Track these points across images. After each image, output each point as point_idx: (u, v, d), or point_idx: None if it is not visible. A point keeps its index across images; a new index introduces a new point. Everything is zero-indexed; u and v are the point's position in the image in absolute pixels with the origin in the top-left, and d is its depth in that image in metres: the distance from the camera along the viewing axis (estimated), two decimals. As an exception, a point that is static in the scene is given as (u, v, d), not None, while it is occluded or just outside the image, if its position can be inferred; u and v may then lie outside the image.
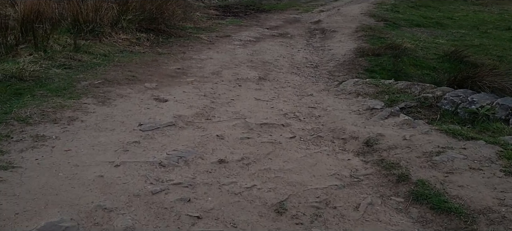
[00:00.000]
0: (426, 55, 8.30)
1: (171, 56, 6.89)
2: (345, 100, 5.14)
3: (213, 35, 8.59)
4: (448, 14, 15.11)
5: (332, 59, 7.68)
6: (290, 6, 13.81)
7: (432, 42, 9.53)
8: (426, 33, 11.37)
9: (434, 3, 17.13)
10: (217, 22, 9.84)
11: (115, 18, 7.58)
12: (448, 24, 13.08)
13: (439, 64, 7.93)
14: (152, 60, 6.46)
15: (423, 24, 12.71)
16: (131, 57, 6.52)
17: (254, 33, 9.18)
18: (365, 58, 7.50)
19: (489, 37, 10.96)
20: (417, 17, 13.66)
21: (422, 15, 14.28)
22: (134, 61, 6.28)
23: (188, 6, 10.66)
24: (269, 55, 7.58)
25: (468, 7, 17.18)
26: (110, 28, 7.34)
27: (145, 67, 6.07)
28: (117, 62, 6.13)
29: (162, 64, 6.32)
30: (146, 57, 6.65)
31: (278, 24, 10.65)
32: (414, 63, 7.73)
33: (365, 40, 9.10)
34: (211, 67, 6.42)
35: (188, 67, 6.31)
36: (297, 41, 8.99)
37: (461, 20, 13.93)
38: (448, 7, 16.84)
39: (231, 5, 12.55)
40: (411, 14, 14.13)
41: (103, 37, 7.09)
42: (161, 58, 6.69)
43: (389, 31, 10.43)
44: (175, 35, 7.98)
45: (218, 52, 7.41)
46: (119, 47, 6.95)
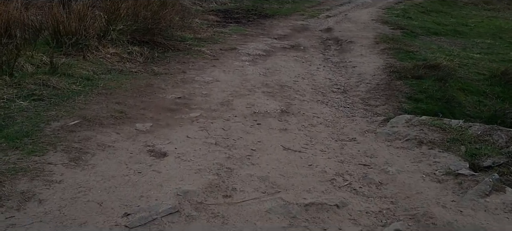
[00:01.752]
0: (468, 75, 6.96)
1: (169, 77, 5.44)
2: (406, 152, 3.75)
3: (216, 47, 7.15)
4: (461, 20, 13.92)
5: (360, 80, 6.30)
6: (294, 10, 12.40)
7: (466, 57, 8.21)
8: (447, 42, 10.13)
9: (445, 8, 15.91)
10: (219, 30, 8.39)
11: (103, 29, 6.11)
12: (466, 32, 11.88)
13: (488, 87, 6.58)
14: (146, 85, 5.00)
15: (440, 32, 11.49)
16: (120, 80, 5.06)
17: (262, 44, 7.75)
18: (403, 81, 6.12)
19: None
20: (431, 24, 12.43)
21: (436, 22, 13.07)
22: (124, 87, 4.83)
23: (186, 12, 9.20)
24: (285, 75, 6.17)
25: (480, 13, 16.01)
26: (97, 41, 5.86)
27: (137, 96, 4.62)
28: (102, 89, 4.67)
29: (159, 91, 4.88)
30: (139, 79, 5.20)
31: (286, 33, 9.24)
32: (461, 87, 6.37)
33: (390, 54, 7.76)
34: (219, 95, 5.00)
35: (191, 95, 4.88)
36: (312, 55, 7.59)
37: (477, 28, 12.76)
38: (460, 12, 15.65)
39: (231, 10, 11.10)
40: (424, 20, 12.88)
41: (89, 52, 5.62)
42: (157, 80, 5.25)
43: (411, 42, 9.11)
44: (173, 49, 6.53)
45: (224, 71, 5.99)
46: (107, 65, 5.49)
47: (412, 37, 10.19)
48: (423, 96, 5.70)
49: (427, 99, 5.54)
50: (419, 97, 5.57)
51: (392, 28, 10.65)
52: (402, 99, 5.59)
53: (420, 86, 6.00)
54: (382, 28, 10.67)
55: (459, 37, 11.05)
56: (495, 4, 18.13)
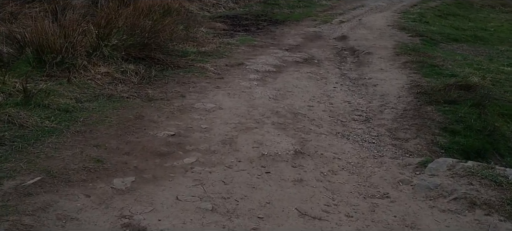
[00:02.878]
0: (504, 96, 5.93)
1: (165, 104, 4.52)
2: (455, 218, 2.79)
3: (221, 63, 6.20)
4: (480, 24, 12.84)
5: (384, 104, 5.33)
6: (305, 15, 11.40)
7: (497, 70, 7.18)
8: (470, 51, 9.12)
9: (461, 11, 14.79)
10: (226, 41, 7.44)
11: (94, 45, 5.22)
12: (487, 38, 10.84)
13: None
14: (136, 117, 4.08)
15: (461, 38, 10.46)
16: (105, 110, 4.15)
17: (272, 58, 6.80)
18: (434, 106, 5.14)
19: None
20: (450, 29, 11.39)
21: (454, 26, 12.02)
22: (108, 121, 3.91)
23: (192, 19, 8.28)
24: (298, 97, 5.22)
25: (498, 15, 14.87)
26: (86, 59, 4.98)
27: (122, 134, 3.71)
28: (81, 126, 3.76)
29: (150, 125, 3.96)
30: (129, 108, 4.28)
31: (298, 43, 8.27)
32: (501, 112, 5.36)
33: (413, 69, 6.77)
34: (221, 129, 4.07)
35: (188, 130, 3.95)
36: (327, 70, 6.62)
37: (497, 32, 11.72)
38: (477, 15, 14.53)
39: (240, 15, 10.14)
40: (441, 25, 11.83)
41: (76, 73, 4.73)
42: (150, 110, 4.33)
43: (434, 53, 8.09)
44: (173, 66, 5.61)
45: (229, 94, 5.06)
46: (94, 89, 4.59)
47: (432, 45, 9.20)
48: (460, 127, 4.71)
49: (465, 131, 4.56)
50: (455, 129, 4.59)
51: (410, 36, 9.64)
52: (436, 131, 4.63)
53: (455, 113, 5.01)
54: (400, 35, 9.66)
55: (481, 44, 10.04)
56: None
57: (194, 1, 9.96)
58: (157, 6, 7.53)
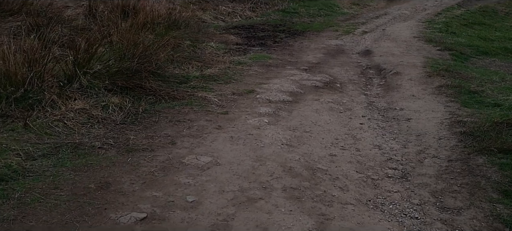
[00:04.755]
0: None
1: (146, 158, 3.22)
2: None
3: (228, 90, 4.86)
4: (507, 34, 11.23)
5: (423, 149, 3.91)
6: (326, 25, 9.93)
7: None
8: (505, 67, 7.62)
9: (486, 19, 13.08)
10: (237, 59, 6.07)
11: (70, 73, 3.94)
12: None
13: None
14: (99, 186, 2.78)
15: (491, 51, 8.92)
16: (60, 174, 2.86)
17: (288, 82, 5.41)
18: (486, 157, 3.70)
19: None
20: (478, 41, 9.81)
21: (481, 37, 10.43)
22: (57, 195, 2.62)
23: (202, 31, 6.94)
24: (318, 142, 3.86)
25: (523, 24, 13.15)
26: (58, 92, 3.70)
27: (68, 221, 2.41)
28: (13, 208, 2.48)
29: (115, 201, 2.65)
30: (94, 169, 2.98)
31: (318, 60, 6.85)
32: None
33: (450, 96, 5.31)
34: (213, 202, 2.75)
35: (166, 209, 2.63)
36: (352, 98, 5.21)
37: None
38: (503, 24, 12.83)
39: (256, 26, 8.73)
40: (468, 35, 10.25)
41: (40, 111, 3.48)
42: (123, 170, 3.03)
43: (468, 72, 6.58)
44: (168, 97, 4.29)
45: (232, 138, 3.72)
46: (58, 136, 3.32)
47: (463, 60, 7.73)
48: (525, 190, 3.27)
49: (530, 195, 3.13)
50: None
51: (439, 49, 8.16)
52: (494, 196, 3.22)
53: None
54: (428, 49, 8.17)
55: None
56: (537, 13, 15.15)
57: (208, 9, 8.62)
58: (162, 17, 6.22)
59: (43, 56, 3.62)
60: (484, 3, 14.55)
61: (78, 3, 6.57)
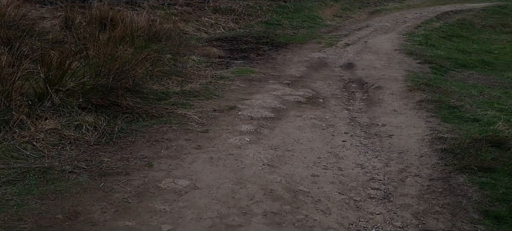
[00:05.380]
0: (539, 149, 4.41)
1: (120, 183, 3.03)
2: None
3: (209, 107, 4.69)
4: (484, 46, 11.43)
5: (405, 168, 3.82)
6: (309, 37, 9.85)
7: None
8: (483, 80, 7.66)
9: (464, 32, 13.27)
10: (219, 74, 5.91)
11: (41, 91, 3.72)
12: (494, 63, 9.42)
13: None
14: (67, 216, 2.55)
15: (469, 63, 9.04)
16: (25, 203, 2.64)
17: (271, 97, 5.27)
18: (466, 176, 3.62)
19: None
20: (457, 53, 9.93)
21: (459, 49, 10.58)
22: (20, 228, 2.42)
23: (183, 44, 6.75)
24: (300, 161, 3.72)
25: (499, 36, 13.42)
26: (27, 111, 3.48)
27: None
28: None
29: None
30: (63, 197, 2.78)
31: (301, 73, 6.74)
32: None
33: (430, 111, 5.25)
34: (190, 229, 2.57)
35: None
36: (334, 114, 5.10)
37: (502, 55, 10.35)
38: (479, 36, 13.06)
39: (239, 38, 8.59)
40: (447, 48, 10.37)
41: (8, 132, 3.25)
42: (94, 197, 2.83)
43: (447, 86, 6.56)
44: (146, 115, 4.10)
45: (212, 159, 3.55)
46: (26, 160, 3.10)
47: (443, 73, 7.79)
48: (505, 210, 3.24)
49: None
50: (499, 213, 3.14)
51: (419, 62, 8.19)
52: (475, 217, 3.15)
53: (494, 188, 3.53)
54: (409, 62, 8.18)
55: (489, 71, 8.60)
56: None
57: (191, 21, 8.45)
58: (142, 29, 6.01)
59: (11, 73, 3.39)
60: (461, 16, 14.76)
61: (54, 14, 6.33)
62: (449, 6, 16.94)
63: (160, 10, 8.68)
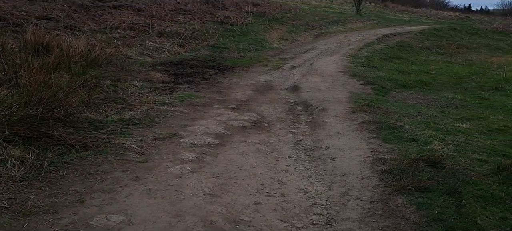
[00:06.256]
0: (470, 166, 4.63)
1: (47, 222, 2.80)
2: None
3: (149, 135, 4.54)
4: (422, 67, 12.18)
5: (347, 191, 3.87)
6: (256, 60, 9.96)
7: (454, 129, 5.97)
8: (421, 100, 8.10)
9: (403, 54, 14.07)
10: (162, 99, 5.77)
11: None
12: (431, 83, 10.04)
13: (502, 187, 4.23)
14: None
15: (408, 84, 9.56)
16: None
17: (215, 123, 5.21)
18: (405, 197, 3.73)
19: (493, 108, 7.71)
20: (397, 74, 10.48)
21: (400, 70, 11.18)
22: None
23: (125, 69, 6.56)
24: (243, 188, 3.66)
25: (436, 58, 14.39)
26: None
27: None
28: None
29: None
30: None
31: (247, 97, 6.75)
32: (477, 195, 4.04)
33: (372, 132, 5.41)
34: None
35: None
36: (279, 138, 5.12)
37: (439, 75, 11.06)
38: (418, 57, 13.92)
39: (185, 62, 8.51)
40: (388, 69, 10.92)
41: None
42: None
43: (388, 106, 6.84)
44: (80, 146, 3.89)
45: (150, 191, 3.41)
46: None
47: (384, 94, 8.13)
48: (441, 229, 3.34)
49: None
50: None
51: (362, 84, 8.51)
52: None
53: (430, 208, 3.65)
54: (352, 83, 8.47)
55: (427, 90, 9.13)
56: (447, 48, 16.69)
57: (134, 45, 8.25)
58: (80, 55, 5.78)
59: None
60: (400, 38, 15.58)
61: (-16, 39, 5.95)
62: (389, 29, 17.89)
63: (101, 34, 8.43)
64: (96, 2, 11.17)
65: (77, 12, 9.93)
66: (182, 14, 11.95)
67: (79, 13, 9.84)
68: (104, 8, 10.76)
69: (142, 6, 11.56)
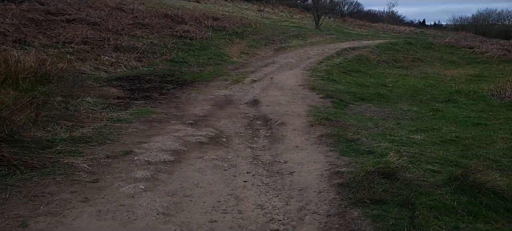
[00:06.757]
0: (424, 177, 4.79)
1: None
2: None
3: (101, 153, 4.40)
4: (380, 80, 12.61)
5: (304, 205, 3.89)
6: (216, 74, 9.95)
7: (409, 141, 6.18)
8: (378, 113, 8.36)
9: (362, 67, 14.51)
10: (116, 116, 5.63)
11: None
12: (388, 95, 10.41)
13: (453, 197, 4.41)
14: None
15: (366, 97, 9.85)
16: None
17: (171, 139, 5.13)
18: (360, 210, 3.80)
19: (446, 119, 8.07)
20: (355, 87, 10.78)
21: (358, 83, 11.51)
22: None
23: (79, 85, 6.36)
24: (198, 207, 3.61)
25: (393, 71, 14.94)
26: None
27: None
28: None
29: None
30: None
31: (206, 112, 6.71)
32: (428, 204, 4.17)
33: (330, 145, 5.51)
34: None
35: None
36: (237, 153, 5.11)
37: (395, 88, 11.48)
38: (375, 71, 14.40)
39: (142, 76, 8.36)
40: (347, 82, 11.22)
41: None
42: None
43: (346, 119, 7.00)
44: (25, 166, 3.71)
45: (99, 212, 3.29)
46: None
47: (343, 107, 8.33)
48: (397, 243, 3.40)
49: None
50: None
51: (321, 97, 8.68)
52: (372, 254, 3.26)
53: (385, 220, 3.73)
54: (311, 97, 8.62)
55: (385, 103, 9.43)
56: (403, 61, 17.40)
57: (89, 59, 8.04)
58: (29, 70, 5.55)
59: None
60: (359, 52, 16.08)
61: None
62: (348, 43, 18.43)
63: (53, 49, 8.16)
64: (48, 16, 10.83)
65: (27, 26, 9.58)
66: (139, 28, 11.79)
67: (29, 27, 9.49)
68: (56, 21, 10.45)
69: (97, 20, 11.31)
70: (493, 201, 4.34)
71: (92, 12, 12.22)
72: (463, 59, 18.66)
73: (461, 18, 44.77)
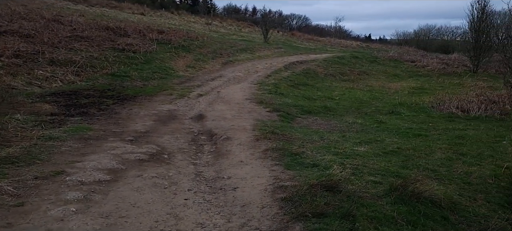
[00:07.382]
0: (366, 188, 4.96)
1: None
2: None
3: (29, 174, 4.15)
4: (327, 93, 12.97)
5: (246, 222, 3.88)
6: (161, 88, 9.78)
7: (352, 152, 6.36)
8: (324, 125, 8.58)
9: (309, 81, 14.87)
10: (48, 134, 5.35)
11: None
12: (335, 108, 10.73)
13: (393, 207, 4.59)
14: None
15: (313, 110, 10.10)
16: None
17: (108, 158, 4.95)
18: (302, 224, 3.85)
19: (389, 131, 8.43)
20: (303, 100, 11.01)
21: (305, 96, 11.77)
22: None
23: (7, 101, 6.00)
24: (133, 228, 3.49)
25: (340, 84, 15.43)
26: None
27: None
28: None
29: None
30: None
31: (147, 128, 6.56)
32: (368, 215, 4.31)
33: (275, 159, 5.56)
34: None
35: None
36: (179, 170, 5.02)
37: (342, 101, 11.85)
38: (323, 84, 14.80)
39: (80, 92, 8.05)
40: (295, 95, 11.45)
41: None
42: None
43: (292, 133, 7.11)
44: None
45: (24, 239, 3.09)
46: None
47: (289, 120, 8.45)
48: (338, 256, 3.46)
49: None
50: None
51: (268, 110, 8.76)
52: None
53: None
54: (258, 110, 8.68)
55: (331, 115, 9.69)
56: (349, 75, 18.07)
57: (20, 74, 7.62)
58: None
59: None
60: (306, 66, 16.47)
61: None
62: (296, 57, 18.86)
63: (-21, 62, 7.67)
64: (-25, 27, 10.20)
65: (-50, 37, 8.95)
66: (78, 41, 11.38)
67: (-48, 39, 8.87)
68: (-16, 33, 9.86)
69: (31, 32, 10.79)
70: (430, 210, 4.55)
71: (26, 24, 11.66)
72: (406, 72, 19.65)
73: (404, 33, 47.32)
